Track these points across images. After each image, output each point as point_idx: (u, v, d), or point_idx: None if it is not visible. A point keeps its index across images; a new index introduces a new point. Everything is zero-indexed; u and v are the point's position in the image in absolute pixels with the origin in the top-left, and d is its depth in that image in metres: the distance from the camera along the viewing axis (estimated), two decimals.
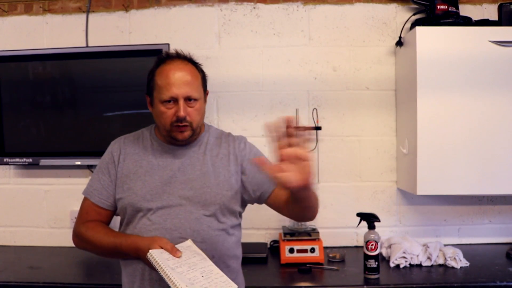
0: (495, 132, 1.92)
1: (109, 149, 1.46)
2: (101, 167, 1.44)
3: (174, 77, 1.33)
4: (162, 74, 1.35)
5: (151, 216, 1.35)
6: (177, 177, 1.38)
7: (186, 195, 1.36)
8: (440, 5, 2.02)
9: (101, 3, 2.29)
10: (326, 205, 2.27)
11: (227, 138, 1.48)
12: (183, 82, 1.33)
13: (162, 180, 1.38)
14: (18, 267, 1.99)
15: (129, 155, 1.42)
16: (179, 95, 1.32)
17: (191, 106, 1.35)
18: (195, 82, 1.37)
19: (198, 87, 1.38)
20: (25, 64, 2.19)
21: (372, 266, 1.78)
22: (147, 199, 1.36)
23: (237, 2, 2.27)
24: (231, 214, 1.41)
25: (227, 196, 1.39)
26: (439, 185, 1.96)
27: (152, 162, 1.41)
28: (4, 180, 2.36)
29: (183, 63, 1.38)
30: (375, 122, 2.26)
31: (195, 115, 1.37)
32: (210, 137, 1.47)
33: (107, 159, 1.44)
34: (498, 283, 1.71)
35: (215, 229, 1.37)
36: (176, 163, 1.40)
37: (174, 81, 1.32)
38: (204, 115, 1.44)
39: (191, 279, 1.17)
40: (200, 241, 1.33)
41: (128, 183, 1.39)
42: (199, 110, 1.38)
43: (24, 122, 2.21)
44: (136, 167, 1.41)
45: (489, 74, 1.91)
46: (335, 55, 2.26)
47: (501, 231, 2.25)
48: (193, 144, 1.44)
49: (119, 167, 1.42)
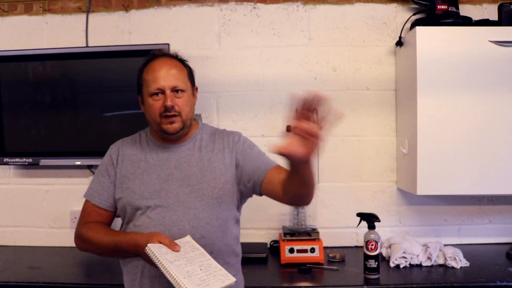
0: (496, 132, 1.92)
1: (108, 152, 1.51)
2: (100, 170, 1.49)
3: (160, 71, 1.39)
4: (148, 70, 1.41)
5: (150, 213, 1.37)
6: (174, 175, 1.41)
7: (183, 191, 1.38)
8: (440, 5, 2.02)
9: (101, 3, 2.29)
10: (326, 205, 2.27)
11: (221, 133, 1.51)
12: (168, 74, 1.38)
13: (159, 178, 1.41)
14: (18, 267, 1.99)
15: (127, 157, 1.46)
16: (166, 86, 1.37)
17: (178, 97, 1.39)
18: (181, 74, 1.42)
19: (184, 79, 1.43)
20: (25, 64, 2.19)
21: (372, 266, 1.78)
22: (146, 197, 1.39)
23: (237, 2, 2.27)
24: (229, 209, 1.43)
25: (225, 189, 1.41)
26: (439, 185, 1.95)
27: (149, 161, 1.44)
28: (4, 180, 2.36)
29: (168, 59, 1.44)
30: (375, 122, 2.26)
31: (183, 106, 1.40)
32: (204, 134, 1.50)
33: (106, 162, 1.49)
34: (498, 283, 1.71)
35: (213, 225, 1.38)
36: (173, 161, 1.43)
37: (160, 74, 1.38)
38: (193, 108, 1.47)
39: (189, 271, 1.17)
40: (199, 237, 1.35)
41: (127, 183, 1.42)
42: (187, 101, 1.42)
43: (24, 122, 2.21)
44: (134, 167, 1.44)
45: (489, 74, 1.91)
46: (335, 55, 2.26)
47: (501, 231, 2.25)
48: (188, 141, 1.47)
49: (117, 168, 1.45)
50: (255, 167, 1.41)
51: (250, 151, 1.46)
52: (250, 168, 1.42)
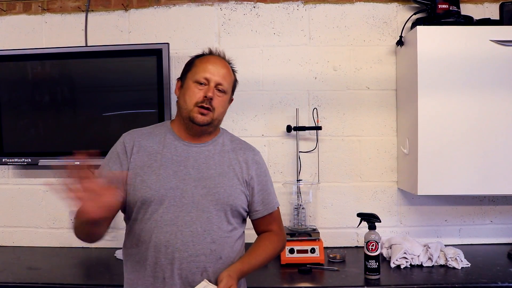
0: (497, 131, 1.91)
1: (121, 140, 1.43)
2: (111, 158, 1.40)
3: (214, 65, 1.43)
4: (203, 59, 1.46)
5: (163, 212, 1.33)
6: (191, 175, 1.38)
7: (199, 193, 1.37)
8: (441, 4, 2.01)
9: (100, 2, 2.28)
10: (326, 205, 2.26)
11: (244, 145, 1.53)
12: (219, 71, 1.42)
13: (176, 175, 1.37)
14: (17, 268, 1.98)
15: (143, 148, 1.40)
16: (213, 79, 1.40)
17: (219, 95, 1.42)
18: (229, 77, 1.46)
19: (230, 83, 1.47)
20: (23, 64, 2.18)
21: (372, 266, 1.77)
22: (162, 193, 1.34)
23: (237, 2, 2.26)
24: (238, 218, 1.45)
25: (239, 199, 1.42)
26: (440, 185, 1.95)
27: (167, 155, 1.39)
28: (2, 180, 2.35)
29: (223, 60, 1.49)
30: (375, 122, 2.26)
31: (219, 105, 1.42)
32: (225, 139, 1.51)
33: (119, 149, 1.40)
34: (499, 283, 1.70)
35: (224, 231, 1.38)
36: (191, 160, 1.40)
37: (212, 67, 1.42)
38: (224, 114, 1.49)
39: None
40: (210, 241, 1.34)
41: (142, 175, 1.36)
42: (224, 103, 1.44)
43: (23, 122, 2.20)
44: (151, 160, 1.38)
45: (490, 74, 1.90)
46: (335, 54, 2.25)
47: (502, 231, 2.24)
48: (209, 143, 1.46)
49: (132, 158, 1.38)
50: (261, 200, 1.49)
51: (264, 178, 1.51)
52: (258, 197, 1.49)
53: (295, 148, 2.23)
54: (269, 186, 1.53)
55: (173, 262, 1.31)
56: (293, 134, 2.23)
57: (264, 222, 1.52)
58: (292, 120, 2.24)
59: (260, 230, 1.54)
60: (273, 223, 1.53)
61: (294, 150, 2.25)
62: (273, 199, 1.54)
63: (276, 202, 1.55)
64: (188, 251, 1.32)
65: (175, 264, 1.31)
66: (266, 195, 1.50)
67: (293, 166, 2.25)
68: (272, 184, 1.56)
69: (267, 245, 1.48)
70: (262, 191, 1.49)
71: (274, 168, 2.26)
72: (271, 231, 1.53)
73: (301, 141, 2.24)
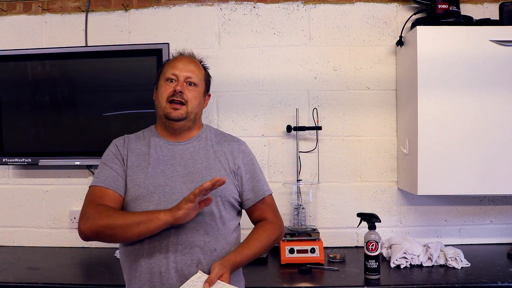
0: (497, 131, 1.91)
1: (113, 144, 1.51)
2: (108, 158, 1.46)
3: (180, 62, 1.49)
4: (170, 61, 1.53)
5: (154, 208, 1.35)
6: (178, 171, 1.42)
7: (188, 188, 1.38)
8: (441, 4, 2.01)
9: (100, 3, 2.29)
10: (326, 205, 2.26)
11: (228, 137, 1.56)
12: (186, 66, 1.48)
13: (164, 174, 1.41)
14: (17, 268, 1.98)
15: (132, 150, 1.47)
16: (181, 75, 1.45)
17: (190, 89, 1.46)
18: (198, 71, 1.50)
19: (200, 76, 1.50)
20: (24, 64, 2.18)
21: (372, 266, 1.77)
22: (151, 191, 1.38)
23: (237, 2, 2.26)
24: (231, 210, 1.46)
25: (228, 189, 1.44)
26: (440, 185, 1.95)
27: (153, 156, 1.45)
28: (3, 180, 2.35)
29: (191, 58, 1.54)
30: (375, 122, 2.26)
31: (192, 98, 1.45)
32: (209, 134, 1.54)
33: (113, 151, 1.47)
34: (499, 283, 1.70)
35: (217, 223, 1.40)
36: (177, 158, 1.45)
37: (179, 64, 1.48)
38: (201, 107, 1.53)
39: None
40: (203, 234, 1.36)
41: (131, 175, 1.42)
42: (196, 96, 1.48)
43: (23, 122, 2.20)
44: (139, 160, 1.45)
45: (490, 74, 1.91)
46: (335, 54, 2.25)
47: (502, 231, 2.25)
48: (193, 139, 1.50)
49: (124, 159, 1.45)
50: (251, 188, 1.50)
51: (252, 166, 1.52)
52: (248, 186, 1.50)
53: (295, 148, 2.23)
54: (257, 173, 1.53)
55: (168, 256, 1.33)
56: (293, 134, 2.23)
57: (257, 210, 1.52)
58: (292, 120, 2.24)
59: (255, 219, 1.54)
60: (266, 211, 1.53)
61: (294, 150, 2.25)
62: (263, 186, 1.53)
63: (267, 189, 1.54)
64: (182, 244, 1.34)
65: (170, 258, 1.33)
66: (256, 182, 1.51)
67: (293, 166, 2.25)
68: (261, 172, 1.56)
69: (260, 234, 1.47)
70: (251, 179, 1.50)
71: (274, 168, 2.26)
72: (266, 219, 1.52)
73: (301, 141, 2.24)
